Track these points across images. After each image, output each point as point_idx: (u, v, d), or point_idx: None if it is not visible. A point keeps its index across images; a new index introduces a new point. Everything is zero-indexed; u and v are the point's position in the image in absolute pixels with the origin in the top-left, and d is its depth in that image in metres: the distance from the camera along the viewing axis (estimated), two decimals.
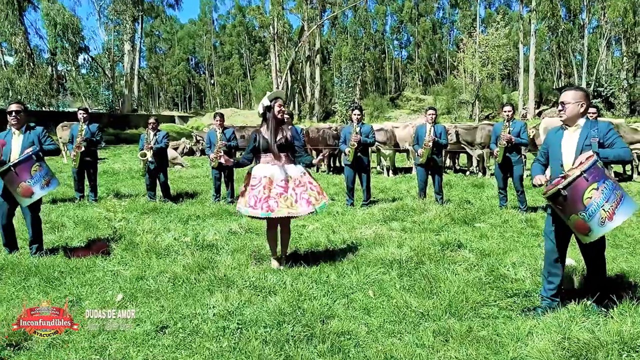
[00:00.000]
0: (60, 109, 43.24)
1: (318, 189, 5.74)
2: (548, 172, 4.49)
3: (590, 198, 3.78)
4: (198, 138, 22.86)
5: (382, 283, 5.06)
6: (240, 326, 4.05)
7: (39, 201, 6.14)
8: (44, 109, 38.68)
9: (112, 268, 5.67)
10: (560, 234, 4.29)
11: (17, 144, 6.03)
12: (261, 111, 5.64)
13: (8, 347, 3.76)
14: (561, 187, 3.81)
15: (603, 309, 4.12)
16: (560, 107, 4.31)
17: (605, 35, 45.98)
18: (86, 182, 10.47)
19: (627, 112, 41.50)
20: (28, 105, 32.18)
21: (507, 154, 8.84)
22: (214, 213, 8.82)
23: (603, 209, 3.77)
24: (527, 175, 10.33)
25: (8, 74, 39.11)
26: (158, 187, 10.39)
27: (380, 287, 4.96)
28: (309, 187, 5.64)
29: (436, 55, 77.14)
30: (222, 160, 5.68)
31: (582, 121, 4.24)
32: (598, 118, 9.63)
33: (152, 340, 3.88)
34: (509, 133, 8.75)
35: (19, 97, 38.40)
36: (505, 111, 9.02)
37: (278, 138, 5.54)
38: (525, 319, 4.11)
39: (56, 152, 6.35)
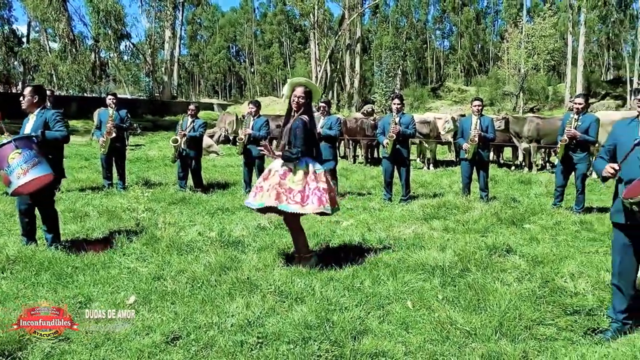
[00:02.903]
0: (102, 95, 43.62)
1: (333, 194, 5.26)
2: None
3: None
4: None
5: (423, 292, 4.51)
6: (260, 340, 3.57)
7: (48, 196, 5.73)
8: (86, 94, 39.02)
9: (129, 265, 5.26)
10: (627, 248, 3.67)
11: (28, 127, 5.70)
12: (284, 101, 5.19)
13: (0, 358, 3.36)
14: None
15: None
16: None
17: None
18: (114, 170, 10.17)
19: None
20: (56, 89, 32.47)
21: (570, 152, 8.12)
22: (245, 206, 8.37)
23: None
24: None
25: (52, 59, 39.59)
26: (190, 177, 10.01)
27: (421, 297, 4.41)
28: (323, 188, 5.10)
29: (479, 45, 75.30)
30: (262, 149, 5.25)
31: None
32: None
33: (160, 353, 3.44)
34: (575, 128, 8.02)
35: (62, 82, 38.91)
36: (576, 103, 8.23)
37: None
38: (591, 344, 3.53)
39: (63, 139, 5.93)
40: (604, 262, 5.14)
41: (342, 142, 17.96)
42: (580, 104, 8.07)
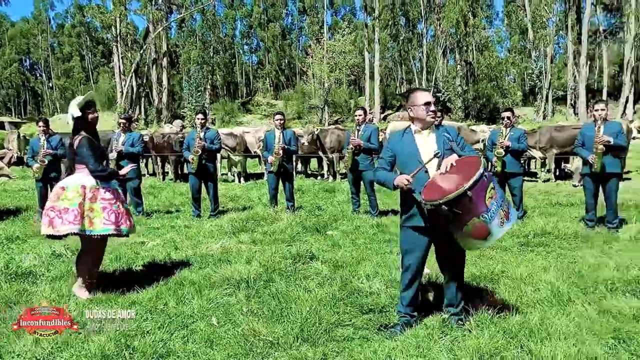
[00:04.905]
0: None
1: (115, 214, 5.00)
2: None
3: (492, 198, 3.49)
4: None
5: (228, 307, 4.50)
6: None
7: None
8: None
9: None
10: (425, 246, 3.99)
11: None
12: (71, 122, 4.82)
13: None
14: (467, 187, 3.37)
15: (460, 321, 3.93)
16: (436, 110, 4.04)
17: (441, 44, 49.06)
18: None
19: (462, 115, 44.65)
20: None
21: (356, 157, 8.71)
22: (38, 232, 7.70)
23: (501, 208, 3.51)
24: None
25: None
26: None
27: (226, 312, 4.39)
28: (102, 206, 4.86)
29: (286, 60, 77.74)
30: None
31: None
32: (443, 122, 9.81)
33: None
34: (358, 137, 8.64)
35: None
36: (356, 115, 8.92)
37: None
38: (383, 340, 3.79)
39: None
40: (397, 261, 5.56)
41: (150, 158, 17.38)
42: (360, 115, 8.86)
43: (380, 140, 10.51)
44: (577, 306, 4.30)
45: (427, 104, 3.94)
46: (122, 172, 4.93)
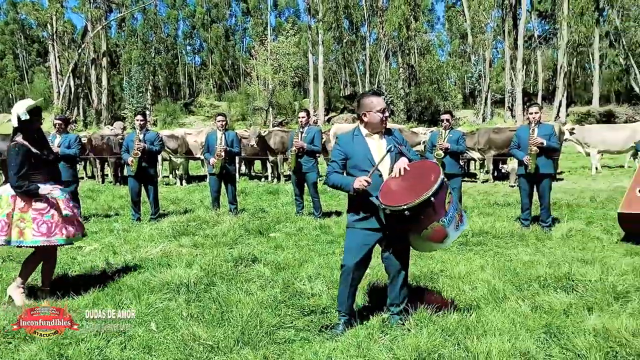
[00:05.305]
0: None
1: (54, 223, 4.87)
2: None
3: (450, 202, 3.58)
4: None
5: (168, 312, 4.41)
6: None
7: None
8: None
9: None
10: (371, 247, 4.00)
11: None
12: (17, 124, 4.63)
13: None
14: (432, 193, 3.42)
15: (400, 321, 3.98)
16: (386, 114, 4.06)
17: (384, 48, 49.74)
18: None
19: (405, 118, 45.40)
20: None
21: (299, 159, 8.72)
22: None
23: (457, 212, 3.61)
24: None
25: None
26: None
27: (165, 317, 4.30)
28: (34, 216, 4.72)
29: (230, 61, 77.06)
30: None
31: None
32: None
33: None
34: (301, 140, 8.65)
35: None
36: (299, 117, 8.95)
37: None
38: (324, 341, 3.80)
39: None
40: (339, 262, 5.58)
41: (89, 161, 16.91)
42: (303, 117, 8.91)
43: (323, 142, 10.57)
44: (512, 303, 4.43)
45: (383, 110, 3.98)
46: (42, 192, 4.68)
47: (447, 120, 8.58)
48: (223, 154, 8.81)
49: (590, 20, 42.84)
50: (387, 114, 4.03)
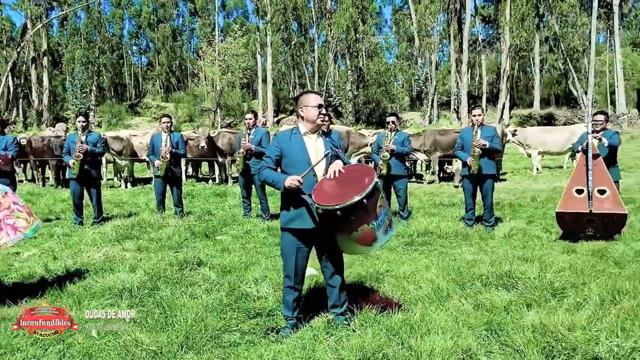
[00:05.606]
0: None
1: (27, 210, 4.78)
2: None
3: (381, 206, 3.61)
4: None
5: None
6: None
7: None
8: None
9: None
10: (307, 249, 4.02)
11: None
12: None
13: None
14: (365, 195, 3.44)
15: (345, 321, 4.00)
16: (326, 114, 4.07)
17: (332, 50, 50.00)
18: None
19: (353, 120, 45.76)
20: None
21: (247, 161, 8.68)
22: None
23: (387, 217, 3.64)
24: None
25: None
26: None
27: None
28: (14, 208, 4.65)
29: (177, 62, 75.91)
30: None
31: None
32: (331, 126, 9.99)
33: None
34: (249, 142, 8.62)
35: None
36: (246, 118, 8.94)
37: None
38: (269, 343, 3.79)
39: None
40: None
41: (28, 163, 16.36)
42: (250, 119, 8.95)
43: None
44: (455, 301, 4.51)
45: (319, 106, 3.99)
46: None
47: (393, 122, 8.69)
48: (168, 155, 8.67)
49: (531, 26, 44.10)
50: (324, 111, 4.04)
